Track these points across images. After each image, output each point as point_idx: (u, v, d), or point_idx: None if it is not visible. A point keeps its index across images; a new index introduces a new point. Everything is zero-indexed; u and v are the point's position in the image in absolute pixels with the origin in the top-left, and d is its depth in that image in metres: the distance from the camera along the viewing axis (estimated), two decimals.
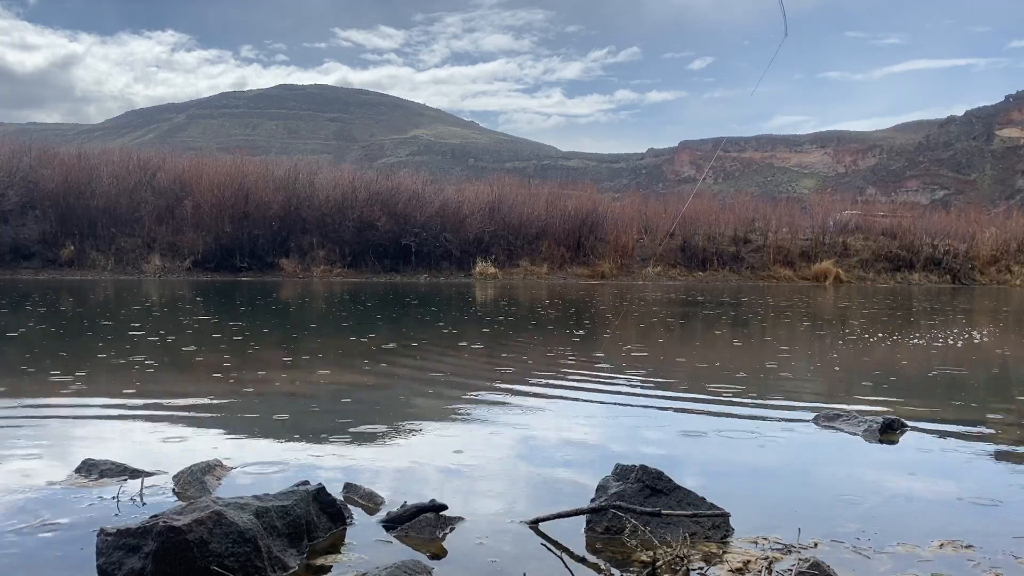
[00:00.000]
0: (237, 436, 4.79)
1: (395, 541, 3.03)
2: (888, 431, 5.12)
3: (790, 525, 3.16)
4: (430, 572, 2.65)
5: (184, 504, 2.83)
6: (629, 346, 10.64)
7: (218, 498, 2.86)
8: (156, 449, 4.42)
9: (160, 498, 3.49)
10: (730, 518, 3.16)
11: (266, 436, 4.81)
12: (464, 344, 10.75)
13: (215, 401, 6.05)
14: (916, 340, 12.56)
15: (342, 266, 38.02)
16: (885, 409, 5.93)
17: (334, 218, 38.94)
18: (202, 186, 38.20)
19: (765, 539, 3.05)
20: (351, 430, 5.07)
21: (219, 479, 3.76)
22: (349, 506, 3.32)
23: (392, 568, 2.58)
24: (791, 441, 4.91)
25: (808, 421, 5.51)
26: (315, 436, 4.82)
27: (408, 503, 3.24)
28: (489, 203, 43.06)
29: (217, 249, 36.72)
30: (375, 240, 38.92)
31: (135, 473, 3.80)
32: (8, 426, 5.07)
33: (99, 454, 4.10)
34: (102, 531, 2.64)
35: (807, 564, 2.65)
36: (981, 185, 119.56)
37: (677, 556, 2.74)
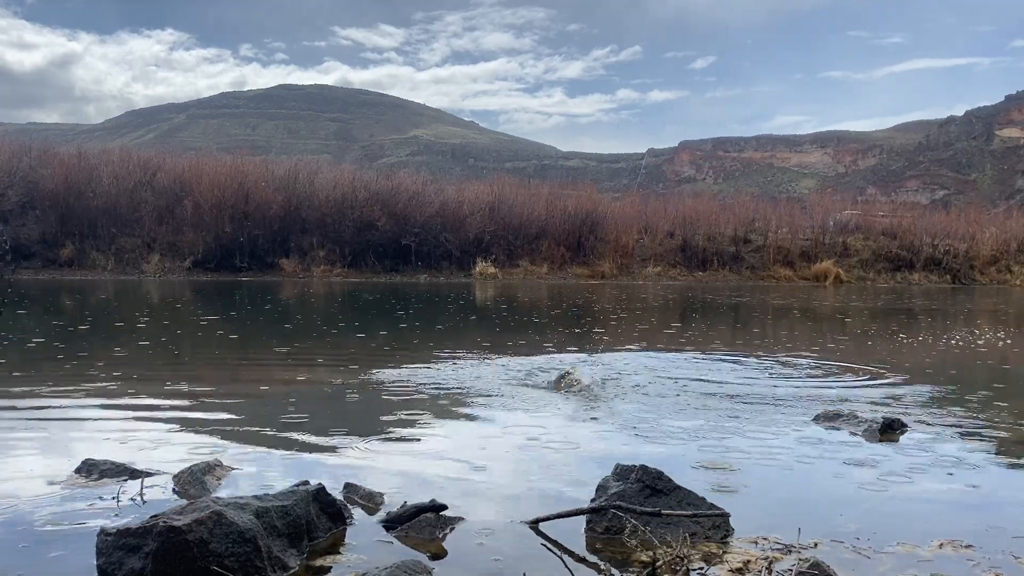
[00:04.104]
0: (237, 436, 4.79)
1: (395, 541, 3.03)
2: (888, 431, 5.12)
3: (790, 525, 3.16)
4: (430, 572, 2.65)
5: (184, 504, 2.83)
6: (629, 345, 10.63)
7: (218, 498, 2.86)
8: (156, 449, 4.41)
9: (160, 498, 3.49)
10: (730, 518, 3.16)
11: (266, 436, 4.81)
12: (464, 343, 10.74)
13: (215, 401, 6.05)
14: (916, 340, 12.57)
15: (342, 266, 38.02)
16: (885, 409, 5.93)
17: (334, 218, 38.94)
18: (202, 186, 38.20)
19: (765, 539, 3.05)
20: (351, 430, 5.06)
21: (219, 479, 3.76)
22: (349, 506, 3.31)
23: (392, 568, 2.57)
24: (791, 441, 4.91)
25: (808, 421, 5.52)
26: (315, 436, 4.81)
27: (408, 503, 3.24)
28: (489, 203, 43.06)
29: (217, 249, 36.72)
30: (375, 240, 38.92)
31: (135, 473, 3.80)
32: (8, 426, 5.07)
33: (99, 454, 4.10)
34: (102, 531, 2.64)
35: (807, 564, 2.65)
36: (981, 185, 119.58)
37: (677, 556, 2.74)
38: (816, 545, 3.00)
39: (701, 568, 2.77)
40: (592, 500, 3.37)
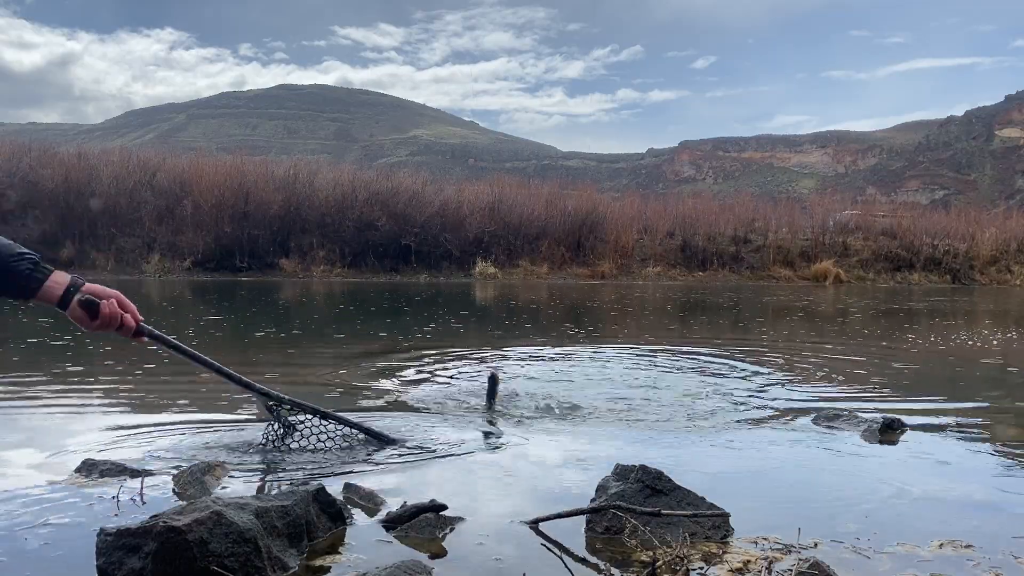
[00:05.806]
0: (237, 436, 4.78)
1: (395, 541, 3.03)
2: (888, 431, 5.12)
3: (790, 525, 3.16)
4: (430, 572, 2.65)
5: (184, 504, 2.83)
6: (628, 344, 10.64)
7: (218, 498, 2.86)
8: (156, 449, 4.41)
9: (160, 498, 3.49)
10: (730, 518, 3.16)
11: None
12: (465, 343, 10.74)
13: (216, 401, 6.05)
14: (916, 340, 12.57)
15: (342, 266, 38.01)
16: (885, 409, 5.93)
17: (334, 218, 38.93)
18: (202, 186, 38.17)
19: (765, 539, 3.05)
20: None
21: (219, 479, 3.76)
22: (349, 506, 3.31)
23: (392, 568, 2.57)
24: (791, 441, 4.91)
25: (808, 421, 5.52)
26: None
27: (408, 503, 3.24)
28: (489, 203, 43.03)
29: (217, 249, 36.70)
30: (375, 240, 38.90)
31: (135, 473, 3.80)
32: (7, 425, 5.07)
33: (99, 454, 4.10)
34: (102, 531, 2.64)
35: (807, 564, 2.65)
36: (981, 185, 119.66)
37: (677, 556, 2.74)
38: (816, 545, 3.00)
39: (701, 568, 2.77)
40: (592, 500, 3.37)
